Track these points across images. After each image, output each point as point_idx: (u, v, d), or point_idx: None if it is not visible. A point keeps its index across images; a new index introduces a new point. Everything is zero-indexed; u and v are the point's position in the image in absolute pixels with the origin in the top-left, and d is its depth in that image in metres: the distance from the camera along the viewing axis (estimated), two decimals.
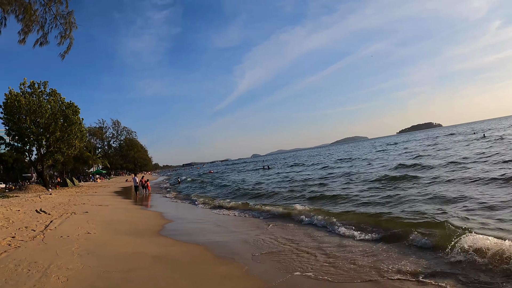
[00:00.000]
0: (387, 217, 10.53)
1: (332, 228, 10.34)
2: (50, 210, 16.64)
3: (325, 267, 7.01)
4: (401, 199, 13.19)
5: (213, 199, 21.69)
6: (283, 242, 9.33)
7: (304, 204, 14.67)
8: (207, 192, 28.21)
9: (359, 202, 13.92)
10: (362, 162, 34.76)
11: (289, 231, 10.64)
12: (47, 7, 13.99)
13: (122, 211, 18.08)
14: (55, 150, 43.37)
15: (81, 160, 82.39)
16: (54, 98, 43.06)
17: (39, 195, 28.86)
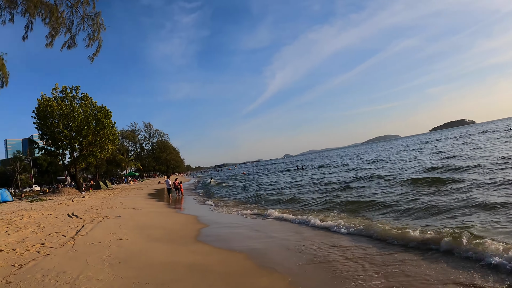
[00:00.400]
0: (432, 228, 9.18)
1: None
2: (82, 214, 16.42)
3: (374, 278, 6.29)
4: (440, 207, 11.65)
5: (245, 203, 21.14)
6: (326, 249, 8.59)
7: (338, 211, 13.75)
8: (238, 194, 27.61)
9: (397, 209, 12.56)
10: (396, 163, 32.80)
11: (330, 238, 9.88)
12: (74, 8, 13.67)
13: (156, 215, 17.72)
14: (88, 154, 43.94)
15: (114, 163, 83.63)
16: (86, 102, 43.66)
17: (72, 198, 29.07)
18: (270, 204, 18.94)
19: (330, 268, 7.07)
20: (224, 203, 22.57)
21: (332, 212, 13.59)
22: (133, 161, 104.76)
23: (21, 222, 14.02)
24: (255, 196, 23.35)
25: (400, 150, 58.82)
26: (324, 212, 13.74)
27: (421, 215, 10.97)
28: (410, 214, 11.37)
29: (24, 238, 10.66)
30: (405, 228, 9.34)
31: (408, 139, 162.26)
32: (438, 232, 8.33)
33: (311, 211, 14.69)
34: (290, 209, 15.93)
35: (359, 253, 7.99)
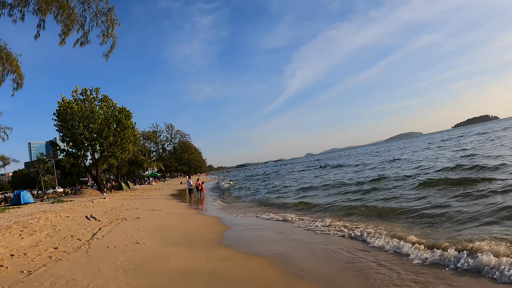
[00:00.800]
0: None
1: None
2: (100, 216, 15.99)
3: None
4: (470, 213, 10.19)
5: (265, 205, 20.23)
6: (356, 254, 7.82)
7: (363, 216, 12.60)
8: (258, 195, 26.75)
9: (419, 214, 11.22)
10: (420, 162, 30.57)
11: (359, 242, 9.10)
12: (86, 4, 13.23)
13: (176, 217, 17.11)
14: (109, 155, 43.98)
15: (136, 164, 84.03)
16: (106, 104, 43.65)
17: (92, 200, 28.86)
18: (293, 206, 18.13)
19: (363, 276, 6.33)
20: (244, 204, 21.84)
21: (356, 216, 12.64)
22: (155, 161, 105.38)
23: (36, 224, 13.64)
24: (277, 197, 22.45)
25: (424, 147, 56.39)
26: (349, 217, 12.70)
27: (454, 222, 9.81)
28: (442, 222, 10.12)
29: (38, 242, 10.21)
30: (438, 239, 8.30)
31: (431, 136, 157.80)
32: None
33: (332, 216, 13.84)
34: (312, 212, 15.18)
35: (393, 260, 7.21)
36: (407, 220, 10.83)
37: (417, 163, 29.29)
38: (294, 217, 13.94)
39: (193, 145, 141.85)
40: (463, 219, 9.61)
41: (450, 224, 9.50)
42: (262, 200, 22.27)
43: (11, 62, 15.58)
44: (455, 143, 49.43)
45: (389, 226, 10.17)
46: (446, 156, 30.90)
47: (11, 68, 15.91)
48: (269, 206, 19.25)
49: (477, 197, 12.18)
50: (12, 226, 13.54)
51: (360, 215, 12.67)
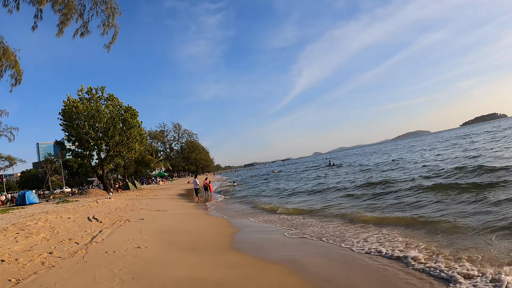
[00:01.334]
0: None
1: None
2: (103, 217, 15.25)
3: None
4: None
5: (272, 204, 19.48)
6: (379, 261, 6.98)
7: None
8: (261, 194, 25.85)
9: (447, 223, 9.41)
10: (430, 162, 28.09)
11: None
12: None
13: (182, 218, 16.29)
14: (115, 154, 43.37)
15: (143, 163, 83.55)
16: (112, 103, 43.04)
17: (97, 200, 28.17)
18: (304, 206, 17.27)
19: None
20: (249, 206, 20.95)
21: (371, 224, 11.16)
22: (162, 161, 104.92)
23: (34, 226, 12.91)
24: (288, 195, 21.57)
25: (433, 147, 54.04)
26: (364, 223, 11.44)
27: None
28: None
29: (33, 246, 9.47)
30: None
31: (439, 135, 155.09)
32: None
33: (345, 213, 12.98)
34: (323, 214, 14.23)
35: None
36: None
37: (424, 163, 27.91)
38: (303, 220, 13.09)
39: (201, 144, 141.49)
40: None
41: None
42: (270, 201, 21.32)
43: (8, 57, 14.90)
44: (467, 142, 48.02)
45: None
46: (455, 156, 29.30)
47: (9, 63, 15.24)
48: (278, 206, 18.36)
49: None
50: (8, 228, 12.81)
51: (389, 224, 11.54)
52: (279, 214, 14.93)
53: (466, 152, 30.67)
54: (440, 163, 24.91)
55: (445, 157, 29.66)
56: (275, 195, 24.22)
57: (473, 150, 31.47)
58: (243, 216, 16.04)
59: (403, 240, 8.35)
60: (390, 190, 16.93)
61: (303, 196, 21.16)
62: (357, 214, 12.48)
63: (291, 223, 12.62)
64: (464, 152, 31.20)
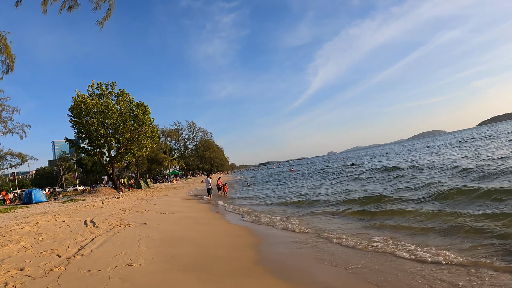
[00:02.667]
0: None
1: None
2: (102, 221, 13.47)
3: None
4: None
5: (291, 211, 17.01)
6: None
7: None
8: (285, 198, 23.61)
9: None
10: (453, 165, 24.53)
11: (440, 269, 6.23)
12: None
13: (191, 223, 14.13)
14: (126, 152, 41.72)
15: (156, 162, 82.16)
16: (123, 99, 41.41)
17: (102, 200, 26.44)
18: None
19: None
20: (269, 209, 18.88)
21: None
22: (176, 159, 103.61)
23: (19, 232, 11.14)
24: (309, 202, 18.66)
25: (453, 147, 50.22)
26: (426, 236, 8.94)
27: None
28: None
29: (5, 258, 7.68)
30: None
31: (455, 135, 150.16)
32: None
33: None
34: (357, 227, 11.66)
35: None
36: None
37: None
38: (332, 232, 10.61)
39: (215, 143, 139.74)
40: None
41: None
42: (289, 208, 19.24)
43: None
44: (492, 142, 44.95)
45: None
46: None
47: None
48: (296, 212, 16.31)
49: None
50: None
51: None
52: (300, 226, 12.73)
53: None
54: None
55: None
56: (293, 205, 21.74)
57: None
58: (263, 222, 14.13)
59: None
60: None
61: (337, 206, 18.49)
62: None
63: (317, 236, 10.60)
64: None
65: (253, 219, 14.30)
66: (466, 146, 45.57)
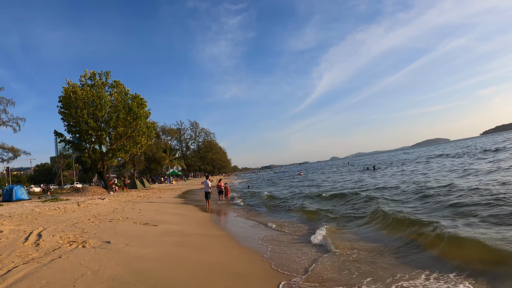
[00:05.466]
0: None
1: None
2: (55, 234, 9.82)
3: None
4: None
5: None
6: None
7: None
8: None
9: None
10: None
11: None
12: None
13: (176, 243, 9.55)
14: (118, 148, 37.92)
15: (155, 161, 78.32)
16: (117, 90, 37.72)
17: (79, 202, 22.53)
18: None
19: None
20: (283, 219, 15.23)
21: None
22: (176, 159, 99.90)
23: None
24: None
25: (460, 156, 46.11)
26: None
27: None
28: None
29: None
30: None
31: (458, 143, 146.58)
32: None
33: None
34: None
35: None
36: None
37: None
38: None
39: (218, 144, 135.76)
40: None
41: None
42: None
43: None
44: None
45: None
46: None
47: None
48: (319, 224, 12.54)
49: None
50: None
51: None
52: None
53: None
54: None
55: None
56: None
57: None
58: (270, 237, 10.43)
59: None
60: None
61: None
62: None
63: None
64: None
65: (275, 237, 10.56)
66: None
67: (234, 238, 10.81)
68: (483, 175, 20.43)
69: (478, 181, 17.47)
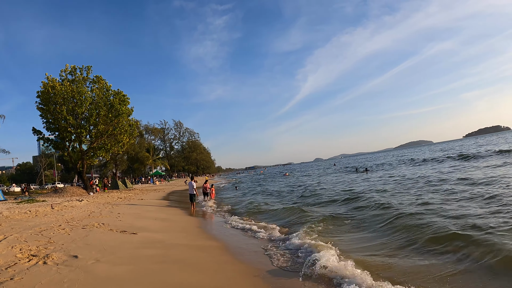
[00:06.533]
0: None
1: None
2: (14, 244, 8.38)
3: None
4: None
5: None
6: None
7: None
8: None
9: None
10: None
11: None
12: None
13: (157, 258, 7.98)
14: (99, 147, 36.20)
15: (138, 161, 76.38)
16: (98, 86, 36.06)
17: (53, 204, 20.81)
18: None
19: None
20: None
21: None
22: (160, 159, 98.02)
23: None
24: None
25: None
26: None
27: None
28: None
29: None
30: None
31: (441, 145, 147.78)
32: None
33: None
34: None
35: None
36: None
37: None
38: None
39: (202, 144, 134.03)
40: None
41: None
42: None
43: None
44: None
45: None
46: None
47: None
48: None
49: None
50: None
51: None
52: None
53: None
54: None
55: None
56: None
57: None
58: (264, 248, 9.15)
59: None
60: None
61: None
62: None
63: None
64: None
65: (249, 247, 9.26)
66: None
67: (226, 249, 9.45)
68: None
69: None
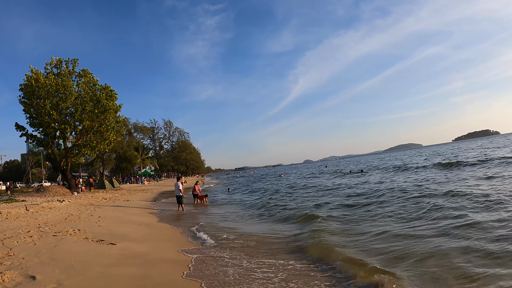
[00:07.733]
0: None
1: None
2: None
3: None
4: None
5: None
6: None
7: None
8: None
9: None
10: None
11: None
12: None
13: (135, 278, 6.41)
14: (84, 144, 34.42)
15: (126, 160, 74.47)
16: (85, 80, 34.32)
17: (27, 206, 19.03)
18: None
19: None
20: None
21: None
22: (149, 159, 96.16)
23: None
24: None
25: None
26: None
27: None
28: None
29: None
30: None
31: (431, 149, 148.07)
32: None
33: None
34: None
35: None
36: None
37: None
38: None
39: (192, 144, 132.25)
40: None
41: None
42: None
43: None
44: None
45: None
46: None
47: None
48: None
49: None
50: None
51: None
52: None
53: None
54: None
55: None
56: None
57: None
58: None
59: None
60: None
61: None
62: None
63: None
64: None
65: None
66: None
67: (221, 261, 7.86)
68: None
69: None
